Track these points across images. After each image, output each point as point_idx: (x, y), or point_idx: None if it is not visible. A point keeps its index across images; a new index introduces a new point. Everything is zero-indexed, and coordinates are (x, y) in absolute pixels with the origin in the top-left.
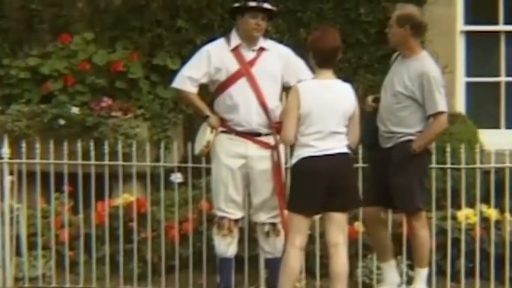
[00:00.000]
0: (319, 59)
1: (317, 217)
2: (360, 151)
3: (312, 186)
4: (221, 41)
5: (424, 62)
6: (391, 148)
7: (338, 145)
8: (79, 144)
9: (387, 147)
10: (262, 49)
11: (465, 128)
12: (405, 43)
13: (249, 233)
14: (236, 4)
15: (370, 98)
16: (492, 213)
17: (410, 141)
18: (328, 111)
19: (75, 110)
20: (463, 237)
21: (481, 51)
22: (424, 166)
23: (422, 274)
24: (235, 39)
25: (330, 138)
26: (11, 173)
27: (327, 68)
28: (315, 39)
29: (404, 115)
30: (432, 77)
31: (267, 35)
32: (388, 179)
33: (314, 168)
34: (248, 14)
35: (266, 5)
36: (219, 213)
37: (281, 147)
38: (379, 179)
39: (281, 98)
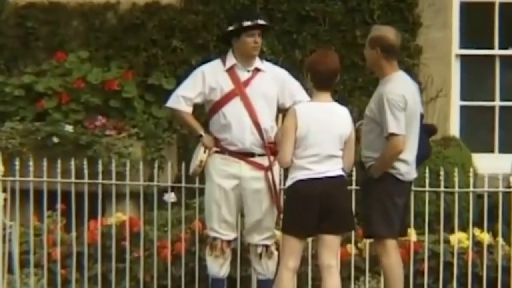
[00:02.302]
0: (317, 81)
1: (309, 239)
2: (354, 173)
3: (307, 209)
4: (216, 62)
5: (388, 84)
6: (362, 175)
7: (334, 168)
8: (72, 163)
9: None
10: (257, 69)
11: (459, 152)
12: (377, 65)
13: (241, 254)
14: (231, 27)
15: (357, 124)
16: (485, 237)
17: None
18: (325, 134)
19: (69, 128)
20: (455, 261)
21: (476, 75)
22: (388, 191)
23: None
24: (230, 59)
25: (326, 161)
26: (4, 191)
27: (325, 91)
28: (314, 62)
29: (371, 138)
30: (386, 98)
31: (262, 56)
32: None
33: (309, 191)
34: (244, 34)
35: (261, 21)
36: (212, 234)
37: (275, 168)
38: None
39: (276, 119)
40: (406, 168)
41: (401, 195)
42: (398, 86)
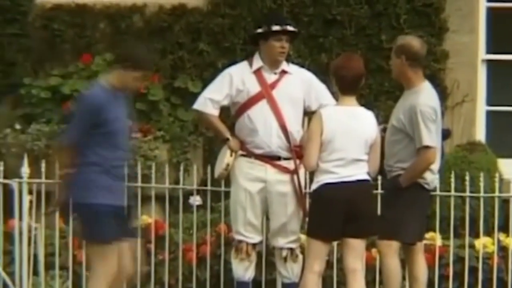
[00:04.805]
0: (342, 86)
1: (334, 243)
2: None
3: (332, 212)
4: (243, 64)
5: (418, 95)
6: (388, 182)
7: (359, 172)
8: None
9: (387, 180)
10: (284, 72)
11: (484, 156)
12: (403, 74)
13: (266, 257)
14: (260, 30)
15: (380, 127)
16: (510, 242)
17: (400, 175)
18: (351, 138)
19: None
20: (480, 266)
21: (502, 80)
22: (414, 200)
23: None
24: (257, 62)
25: (351, 165)
26: (30, 193)
27: (350, 95)
28: (339, 66)
29: (398, 148)
30: (419, 110)
31: (289, 59)
32: None
33: (334, 195)
34: (272, 38)
35: (290, 28)
36: (237, 237)
37: (301, 172)
38: None
39: (302, 122)
40: (432, 177)
41: (426, 203)
42: (429, 98)
